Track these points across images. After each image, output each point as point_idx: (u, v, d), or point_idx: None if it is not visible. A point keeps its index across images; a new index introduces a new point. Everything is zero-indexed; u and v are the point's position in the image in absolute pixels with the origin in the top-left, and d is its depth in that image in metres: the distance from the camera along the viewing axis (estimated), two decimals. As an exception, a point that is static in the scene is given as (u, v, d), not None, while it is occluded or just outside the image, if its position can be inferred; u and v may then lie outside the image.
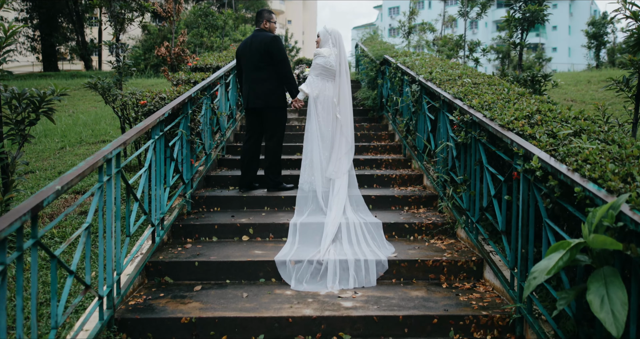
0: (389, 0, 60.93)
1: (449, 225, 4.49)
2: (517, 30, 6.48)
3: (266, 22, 5.44)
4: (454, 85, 4.85)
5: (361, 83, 10.93)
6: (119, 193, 3.05)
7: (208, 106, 5.55)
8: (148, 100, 4.27)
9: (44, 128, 10.01)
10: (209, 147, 5.70)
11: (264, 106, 5.26)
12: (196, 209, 5.02)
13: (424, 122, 5.60)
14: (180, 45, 8.78)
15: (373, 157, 6.43)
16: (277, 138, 5.39)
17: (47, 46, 25.60)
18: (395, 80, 6.88)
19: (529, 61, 21.03)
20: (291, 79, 5.32)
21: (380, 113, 8.57)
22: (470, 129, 3.94)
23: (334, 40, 5.34)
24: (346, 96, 5.29)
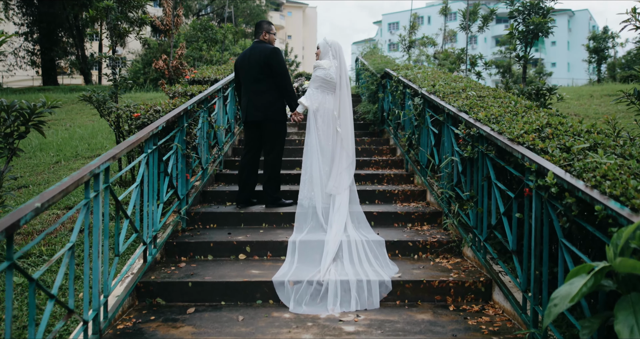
0: (389, 15, 61.40)
1: (454, 243, 4.31)
2: (520, 43, 6.35)
3: (265, 33, 5.32)
4: (459, 98, 4.71)
5: (361, 97, 10.81)
6: (107, 210, 2.88)
7: (205, 119, 5.40)
8: (142, 112, 4.12)
9: (39, 142, 9.86)
10: (206, 162, 5.54)
11: (263, 119, 5.11)
12: (191, 226, 4.84)
13: (427, 136, 5.44)
14: (178, 59, 8.67)
15: (374, 172, 6.26)
16: (277, 152, 5.24)
17: (46, 60, 25.59)
18: (397, 93, 6.75)
19: (530, 76, 21.00)
20: (291, 91, 5.18)
21: (381, 127, 8.43)
22: (477, 143, 3.78)
23: (334, 52, 5.22)
24: (347, 109, 5.15)
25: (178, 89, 5.42)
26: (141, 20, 6.14)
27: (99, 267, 2.75)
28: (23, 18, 26.14)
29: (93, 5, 15.22)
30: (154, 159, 3.76)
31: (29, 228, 5.29)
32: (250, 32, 34.14)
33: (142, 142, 3.51)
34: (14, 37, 27.11)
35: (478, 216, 3.81)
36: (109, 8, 5.83)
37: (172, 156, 4.22)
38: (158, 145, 3.81)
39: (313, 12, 64.01)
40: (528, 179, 2.90)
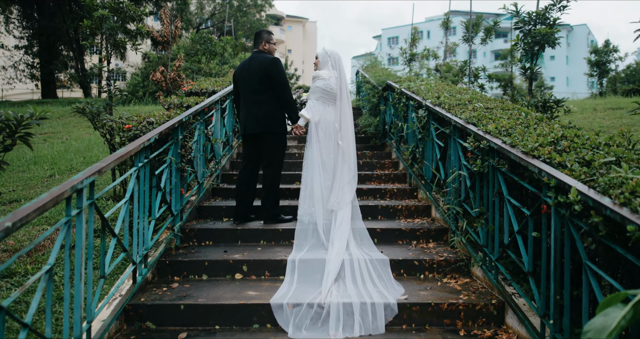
0: (388, 29, 61.72)
1: (463, 262, 4.08)
2: (526, 54, 6.18)
3: (265, 43, 5.15)
4: (465, 110, 4.52)
5: (362, 110, 10.65)
6: (92, 228, 2.66)
7: (201, 132, 5.20)
8: (134, 124, 3.92)
9: (33, 155, 9.66)
10: (202, 176, 5.33)
11: (262, 131, 4.91)
12: (186, 243, 4.61)
13: (431, 150, 5.24)
14: (176, 70, 8.51)
15: (377, 187, 6.05)
16: (276, 166, 5.03)
17: (46, 73, 25.52)
18: (400, 106, 6.57)
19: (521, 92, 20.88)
20: (291, 103, 4.99)
21: (383, 141, 8.24)
22: (487, 157, 3.58)
23: (334, 62, 5.05)
24: (348, 121, 4.97)
25: (174, 100, 5.23)
26: (138, 30, 5.96)
27: (81, 290, 2.52)
28: (23, 31, 26.14)
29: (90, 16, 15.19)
30: (146, 173, 3.55)
31: (16, 245, 5.07)
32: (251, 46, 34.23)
33: (132, 156, 3.30)
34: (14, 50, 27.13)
35: (489, 234, 3.59)
36: (104, 17, 5.67)
37: (165, 169, 4.02)
38: (150, 158, 3.60)
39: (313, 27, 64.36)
40: (546, 196, 2.69)
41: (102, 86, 5.58)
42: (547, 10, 6.02)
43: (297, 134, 5.00)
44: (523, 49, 6.26)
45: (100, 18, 5.67)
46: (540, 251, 2.88)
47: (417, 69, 13.09)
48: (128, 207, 3.17)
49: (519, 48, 6.30)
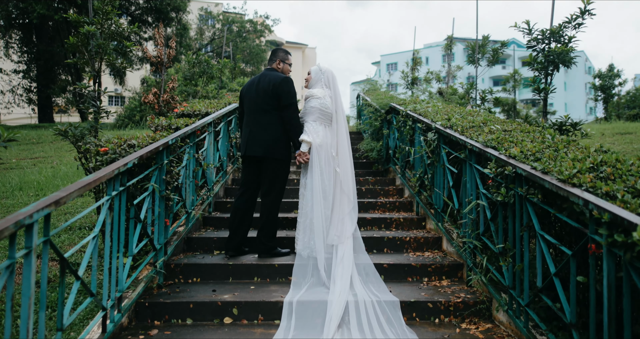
0: (387, 56, 62.11)
1: (483, 305, 3.59)
2: (540, 74, 5.79)
3: (280, 62, 4.75)
4: (481, 132, 4.09)
5: (364, 134, 10.26)
6: (45, 271, 2.19)
7: (191, 156, 4.77)
8: (111, 147, 3.49)
9: (19, 180, 9.21)
10: (192, 204, 4.87)
11: (263, 154, 4.47)
12: (170, 281, 4.12)
13: (442, 176, 4.80)
14: (169, 92, 8.13)
15: (381, 216, 5.58)
16: (275, 195, 4.57)
17: (43, 98, 25.27)
18: (405, 129, 6.16)
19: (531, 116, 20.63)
20: (296, 126, 4.51)
21: (387, 166, 7.81)
22: (513, 185, 3.13)
23: (327, 80, 4.66)
24: (345, 146, 4.55)
25: (162, 122, 4.81)
26: (127, 47, 5.59)
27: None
28: (22, 56, 26.01)
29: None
30: (122, 203, 3.09)
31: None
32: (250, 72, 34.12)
33: (104, 183, 2.85)
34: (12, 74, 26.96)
35: (516, 274, 3.11)
36: (90, 34, 5.29)
37: (147, 198, 3.56)
38: (127, 186, 3.15)
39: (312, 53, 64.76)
40: (595, 233, 2.24)
41: (86, 107, 5.15)
42: (561, 28, 5.67)
43: (301, 162, 4.49)
44: (536, 68, 5.88)
45: (86, 35, 5.29)
46: (586, 298, 2.41)
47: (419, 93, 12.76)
48: (97, 243, 2.70)
49: (532, 68, 5.92)
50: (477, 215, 3.82)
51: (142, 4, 28.29)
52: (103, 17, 5.52)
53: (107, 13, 5.53)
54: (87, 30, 5.31)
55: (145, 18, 27.75)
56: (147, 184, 3.63)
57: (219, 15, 34.62)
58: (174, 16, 28.27)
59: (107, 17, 5.53)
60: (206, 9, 35.62)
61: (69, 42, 5.50)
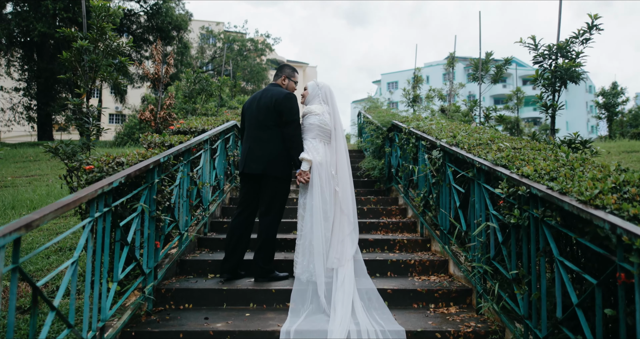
0: (388, 74, 62.41)
1: (496, 335, 3.33)
2: (547, 90, 5.62)
3: (285, 78, 4.58)
4: (489, 150, 3.89)
5: (365, 152, 10.08)
6: (13, 301, 1.97)
7: (185, 175, 4.56)
8: (97, 165, 3.29)
9: (12, 199, 8.98)
10: (185, 225, 4.64)
11: (262, 172, 4.25)
12: (161, 307, 3.87)
13: (448, 196, 4.58)
14: (166, 109, 7.96)
15: (384, 237, 5.35)
16: (274, 215, 4.33)
17: (42, 115, 25.20)
18: (409, 147, 5.96)
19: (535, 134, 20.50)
20: (297, 144, 4.28)
21: (389, 185, 7.59)
22: (527, 206, 2.91)
23: (324, 96, 4.48)
24: (344, 164, 4.34)
25: (155, 138, 4.62)
26: (121, 63, 5.44)
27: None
28: (22, 74, 26.04)
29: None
30: (106, 225, 2.87)
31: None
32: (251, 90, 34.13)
33: (86, 204, 2.64)
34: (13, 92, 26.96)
35: (533, 303, 2.87)
36: (84, 49, 5.13)
37: (135, 219, 3.34)
38: (112, 206, 2.93)
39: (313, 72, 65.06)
40: (624, 260, 2.02)
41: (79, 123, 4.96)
42: (568, 44, 5.51)
43: (302, 182, 4.25)
44: (543, 85, 5.71)
45: (79, 50, 5.13)
46: (611, 330, 2.17)
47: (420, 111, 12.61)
48: (76, 268, 2.47)
49: (539, 84, 5.74)
50: (487, 238, 3.60)
51: (144, 23, 28.45)
52: (98, 32, 5.37)
53: (102, 28, 5.38)
54: (80, 44, 5.15)
55: (147, 37, 27.89)
56: (136, 204, 3.41)
57: (220, 34, 34.78)
58: (175, 35, 28.40)
59: (102, 32, 5.38)
60: (207, 28, 35.82)
61: (62, 57, 5.34)
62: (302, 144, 4.29)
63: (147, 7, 28.24)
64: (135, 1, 28.52)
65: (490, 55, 8.47)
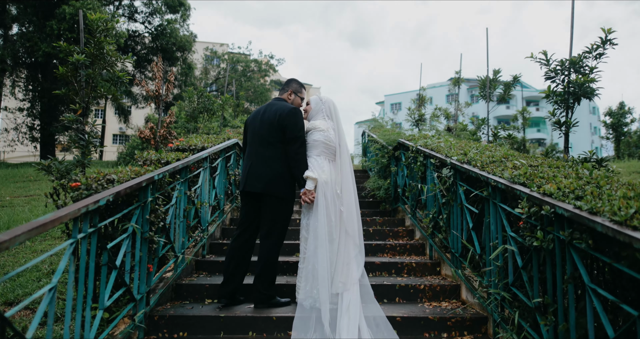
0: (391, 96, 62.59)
1: (517, 369, 3.05)
2: (559, 107, 5.41)
3: (291, 93, 4.38)
4: (504, 167, 3.65)
5: (370, 172, 9.85)
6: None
7: (182, 194, 4.33)
8: (84, 181, 3.07)
9: (8, 219, 8.75)
10: (182, 247, 4.39)
11: (263, 191, 3.99)
12: (154, 335, 3.60)
13: (460, 216, 4.33)
14: (166, 127, 7.78)
15: (391, 260, 5.08)
16: (276, 238, 4.07)
17: (45, 135, 25.16)
18: (416, 166, 5.73)
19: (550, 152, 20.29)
20: (301, 162, 4.02)
21: (395, 205, 7.34)
22: (551, 228, 2.66)
23: (328, 111, 4.26)
24: (349, 183, 4.10)
25: (151, 156, 4.40)
26: (119, 78, 5.26)
27: None
28: (27, 94, 26.12)
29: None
30: (91, 247, 2.64)
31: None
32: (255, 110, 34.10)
33: (67, 223, 2.41)
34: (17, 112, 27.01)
35: (560, 335, 2.60)
36: (80, 63, 4.97)
37: (125, 241, 3.10)
38: (99, 227, 2.70)
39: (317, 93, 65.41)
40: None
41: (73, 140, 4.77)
42: (581, 59, 5.32)
43: (306, 202, 3.99)
44: (555, 101, 5.50)
45: (75, 64, 4.96)
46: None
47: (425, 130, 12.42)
48: (54, 296, 2.23)
49: (551, 100, 5.54)
50: (505, 262, 3.33)
51: (148, 43, 28.64)
52: (95, 46, 5.21)
53: (99, 42, 5.22)
54: (76, 59, 4.99)
55: (151, 57, 28.03)
56: (126, 225, 3.17)
57: (224, 55, 34.96)
58: (179, 56, 28.52)
59: (100, 46, 5.22)
60: (211, 49, 36.03)
61: (58, 71, 5.17)
62: (306, 163, 4.04)
63: (152, 28, 28.47)
64: (140, 22, 28.81)
65: (498, 72, 8.30)
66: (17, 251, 6.73)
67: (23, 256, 6.23)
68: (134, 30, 28.94)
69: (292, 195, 4.11)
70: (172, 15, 28.86)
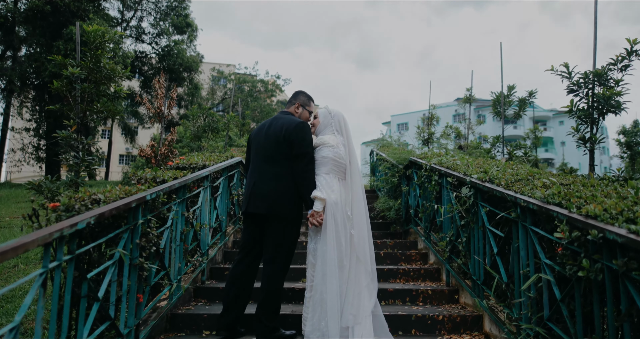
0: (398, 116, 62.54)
1: None
2: (583, 122, 5.07)
3: (299, 106, 4.03)
4: (533, 186, 3.30)
5: (379, 192, 9.49)
6: None
7: (179, 216, 3.99)
8: (64, 201, 2.74)
9: (3, 240, 8.45)
10: (178, 274, 4.03)
11: (267, 212, 3.62)
12: (143, 373, 3.23)
13: (482, 240, 3.95)
14: (168, 145, 7.49)
15: (405, 287, 4.69)
16: (281, 263, 3.67)
17: (51, 155, 25.05)
18: (431, 185, 5.38)
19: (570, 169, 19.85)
20: (308, 180, 3.64)
21: (407, 227, 6.96)
22: (599, 255, 2.30)
23: (338, 125, 3.91)
24: (361, 204, 3.73)
25: (145, 174, 4.08)
26: (116, 93, 5.00)
27: None
28: (33, 114, 26.13)
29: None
30: (68, 277, 2.30)
31: None
32: (260, 130, 33.87)
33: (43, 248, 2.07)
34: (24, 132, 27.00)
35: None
36: (75, 77, 4.70)
37: (111, 268, 2.75)
38: (77, 254, 2.36)
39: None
40: None
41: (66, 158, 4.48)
42: (605, 71, 5.00)
43: (314, 224, 3.59)
44: (578, 116, 5.17)
45: (69, 78, 4.70)
46: None
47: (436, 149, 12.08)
48: (16, 335, 1.88)
49: (573, 115, 5.20)
50: (538, 292, 2.95)
51: (155, 64, 28.69)
52: (91, 60, 4.96)
53: (97, 56, 4.97)
54: (70, 72, 4.72)
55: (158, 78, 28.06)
56: (113, 250, 2.83)
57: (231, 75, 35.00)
58: (186, 76, 28.54)
59: (97, 59, 4.96)
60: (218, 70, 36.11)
61: (53, 86, 4.92)
62: (313, 182, 3.66)
63: (159, 49, 28.57)
64: (147, 43, 28.94)
65: (513, 88, 7.99)
66: (9, 275, 6.41)
67: (15, 281, 5.89)
68: (141, 51, 29.05)
69: (299, 216, 3.75)
70: (179, 36, 28.99)
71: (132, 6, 28.78)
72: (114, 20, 27.04)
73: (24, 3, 23.19)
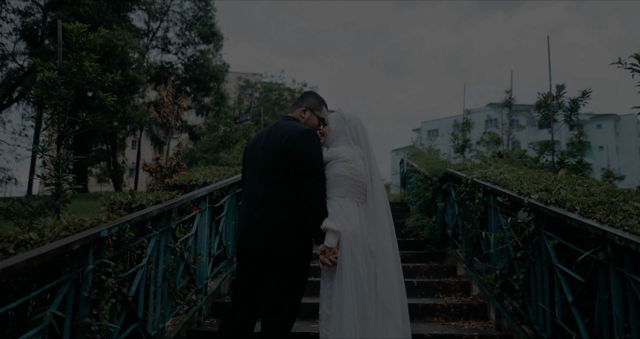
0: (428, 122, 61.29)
1: None
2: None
3: (306, 109, 3.09)
4: (625, 214, 2.39)
5: (410, 206, 8.60)
6: None
7: (163, 248, 3.21)
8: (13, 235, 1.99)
9: (5, 263, 7.88)
10: (159, 321, 3.23)
11: (264, 248, 2.73)
12: None
13: (547, 280, 3.04)
14: (174, 158, 6.78)
15: (445, 332, 3.80)
16: (285, 313, 2.74)
17: (77, 167, 25.00)
18: (473, 204, 4.48)
19: None
20: (316, 206, 2.72)
21: (443, 249, 6.05)
22: None
23: (354, 133, 2.97)
24: (387, 234, 2.74)
25: (119, 198, 3.32)
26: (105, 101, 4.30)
27: None
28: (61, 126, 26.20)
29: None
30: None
31: None
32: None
33: None
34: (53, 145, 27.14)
35: None
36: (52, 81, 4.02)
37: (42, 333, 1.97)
38: None
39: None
40: None
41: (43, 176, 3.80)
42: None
43: (327, 264, 2.68)
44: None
45: (45, 82, 4.02)
46: None
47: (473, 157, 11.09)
48: None
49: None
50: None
51: (182, 74, 28.52)
52: (74, 63, 4.27)
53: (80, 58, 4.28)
54: (46, 76, 4.04)
55: (184, 88, 27.84)
56: (43, 314, 2.06)
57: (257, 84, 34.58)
58: (212, 86, 28.26)
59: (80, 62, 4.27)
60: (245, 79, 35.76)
61: (33, 93, 4.25)
62: (324, 206, 2.76)
63: (185, 59, 28.39)
64: (173, 53, 28.78)
65: (562, 88, 6.98)
66: None
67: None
68: (167, 62, 28.93)
69: (307, 254, 2.84)
70: (205, 46, 28.75)
71: (158, 17, 28.68)
72: (141, 31, 26.93)
73: (51, 16, 23.25)
